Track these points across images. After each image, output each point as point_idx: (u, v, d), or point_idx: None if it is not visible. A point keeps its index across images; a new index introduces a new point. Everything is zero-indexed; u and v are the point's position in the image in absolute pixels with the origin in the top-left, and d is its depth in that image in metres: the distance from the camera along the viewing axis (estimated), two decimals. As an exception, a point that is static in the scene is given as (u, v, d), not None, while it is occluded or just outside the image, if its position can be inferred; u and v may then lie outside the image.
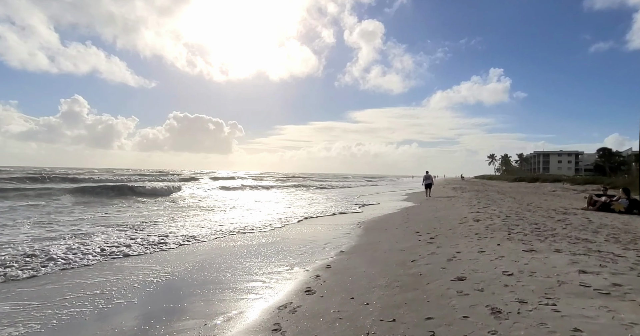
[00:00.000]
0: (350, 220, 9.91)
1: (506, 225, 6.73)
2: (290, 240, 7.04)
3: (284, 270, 4.83)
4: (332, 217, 11.02)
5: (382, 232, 7.73)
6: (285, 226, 8.96)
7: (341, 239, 7.15)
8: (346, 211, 12.58)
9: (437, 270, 4.00)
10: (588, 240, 5.08)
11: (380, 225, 8.94)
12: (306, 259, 5.50)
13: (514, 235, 5.69)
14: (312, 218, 10.62)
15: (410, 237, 6.62)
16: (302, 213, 11.83)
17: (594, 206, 10.24)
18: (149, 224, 8.82)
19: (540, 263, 3.78)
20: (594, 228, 6.38)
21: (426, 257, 4.77)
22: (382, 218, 10.37)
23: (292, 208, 13.43)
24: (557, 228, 6.20)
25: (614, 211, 9.71)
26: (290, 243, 6.76)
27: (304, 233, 7.84)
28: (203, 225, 8.89)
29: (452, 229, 6.99)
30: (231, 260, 5.42)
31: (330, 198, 19.15)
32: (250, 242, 6.80)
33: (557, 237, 5.39)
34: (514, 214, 8.62)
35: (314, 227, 8.76)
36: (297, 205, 15.02)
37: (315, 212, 12.03)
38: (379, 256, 5.25)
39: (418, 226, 8.06)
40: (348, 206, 14.53)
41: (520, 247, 4.77)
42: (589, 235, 5.53)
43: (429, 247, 5.45)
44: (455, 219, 8.51)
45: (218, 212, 11.89)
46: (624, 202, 9.66)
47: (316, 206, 14.44)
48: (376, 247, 6.02)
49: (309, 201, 17.29)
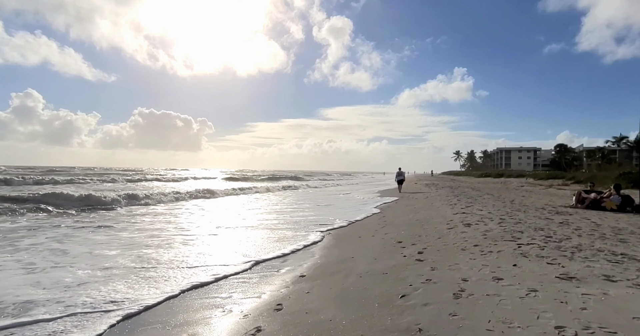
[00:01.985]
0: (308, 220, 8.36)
1: (507, 232, 5.46)
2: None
3: (211, 315, 3.16)
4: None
5: (356, 242, 6.25)
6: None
7: (303, 253, 5.59)
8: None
9: (445, 321, 2.52)
10: (628, 256, 3.84)
11: (353, 231, 7.47)
12: (249, 288, 3.87)
13: (525, 247, 4.39)
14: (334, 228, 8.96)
15: (392, 250, 5.17)
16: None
17: (583, 204, 9.41)
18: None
19: (605, 307, 2.41)
20: (611, 234, 5.26)
21: (420, 289, 3.29)
22: (353, 220, 8.91)
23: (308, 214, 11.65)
24: (572, 237, 4.99)
25: (605, 209, 8.89)
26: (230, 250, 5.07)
27: (258, 240, 6.18)
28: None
29: (442, 238, 5.63)
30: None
31: (312, 198, 17.53)
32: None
33: (584, 250, 4.13)
34: (506, 215, 7.46)
35: (272, 232, 7.11)
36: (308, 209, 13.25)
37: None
38: (353, 286, 3.73)
39: (399, 232, 6.66)
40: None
41: (547, 269, 3.43)
42: (621, 247, 4.34)
43: (420, 268, 4.00)
44: (440, 223, 7.21)
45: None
46: (616, 199, 8.87)
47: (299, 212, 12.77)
48: (349, 268, 4.50)
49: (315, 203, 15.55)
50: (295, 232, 7.43)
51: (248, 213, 10.89)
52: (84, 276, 4.31)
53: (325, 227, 7.88)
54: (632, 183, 20.44)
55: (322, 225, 8.29)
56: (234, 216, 10.19)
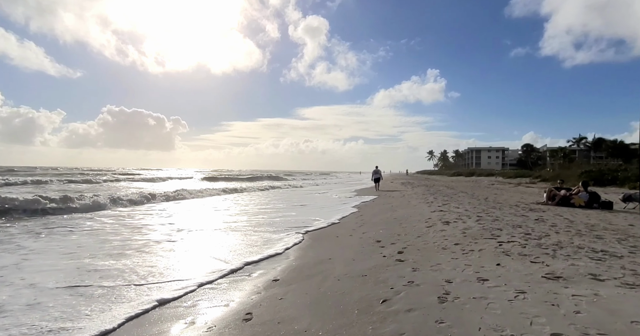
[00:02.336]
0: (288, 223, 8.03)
1: (486, 230, 5.38)
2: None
3: (169, 330, 2.77)
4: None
5: (334, 242, 5.98)
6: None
7: (281, 250, 5.24)
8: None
9: (432, 330, 2.28)
10: (609, 253, 3.80)
11: (331, 231, 7.20)
12: (217, 295, 3.50)
13: (506, 245, 4.28)
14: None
15: (370, 250, 4.94)
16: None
17: (553, 200, 9.65)
18: None
19: (599, 310, 2.25)
20: (586, 231, 5.29)
21: (403, 293, 3.06)
22: (330, 220, 8.65)
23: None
24: (550, 234, 4.96)
25: (574, 205, 9.15)
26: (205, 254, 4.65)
27: (233, 242, 5.77)
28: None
29: (422, 236, 5.47)
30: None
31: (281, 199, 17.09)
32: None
33: (565, 247, 4.07)
34: (483, 213, 7.46)
35: (247, 237, 6.72)
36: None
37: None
38: (331, 290, 3.44)
39: (377, 231, 6.46)
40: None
41: (532, 268, 3.30)
42: (599, 243, 4.32)
43: (401, 269, 3.78)
44: (419, 221, 7.09)
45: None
46: (584, 196, 9.15)
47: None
48: (326, 270, 4.21)
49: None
50: (272, 234, 7.07)
51: (223, 214, 10.38)
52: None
53: (303, 227, 7.57)
54: (593, 181, 21.68)
55: (300, 226, 7.98)
56: (206, 218, 9.65)
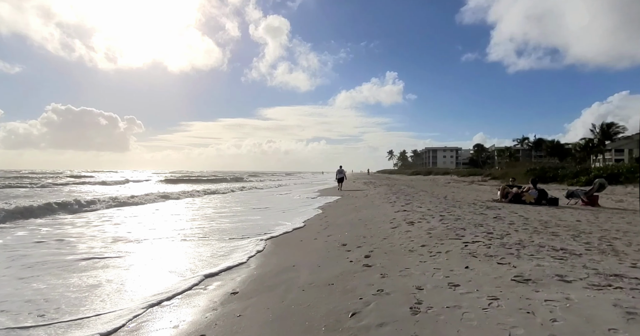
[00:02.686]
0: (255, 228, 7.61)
1: (450, 229, 5.39)
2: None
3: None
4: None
5: (298, 247, 5.68)
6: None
7: (239, 261, 4.84)
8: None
9: (408, 348, 2.08)
10: (568, 251, 3.89)
11: (294, 234, 6.89)
12: (164, 314, 3.05)
13: (472, 246, 4.26)
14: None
15: (336, 255, 4.71)
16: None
17: (506, 198, 10.15)
18: None
19: (575, 317, 2.19)
20: (542, 228, 5.49)
21: (373, 304, 2.84)
22: (294, 221, 8.34)
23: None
24: (510, 232, 5.06)
25: (525, 202, 9.67)
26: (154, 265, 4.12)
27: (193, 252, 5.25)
28: None
29: (388, 238, 5.35)
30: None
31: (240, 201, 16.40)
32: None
33: (527, 246, 4.12)
34: (445, 212, 7.57)
35: (208, 247, 6.20)
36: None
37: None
38: (295, 303, 3.15)
39: (342, 233, 6.27)
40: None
41: (500, 270, 3.25)
42: (557, 241, 4.45)
43: (369, 276, 3.59)
44: (384, 221, 7.01)
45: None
46: (534, 193, 9.71)
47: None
48: (289, 279, 3.91)
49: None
50: (232, 241, 6.61)
51: (178, 221, 9.63)
52: None
53: (266, 233, 7.19)
54: (537, 178, 23.58)
55: (262, 231, 7.59)
56: (160, 226, 8.88)
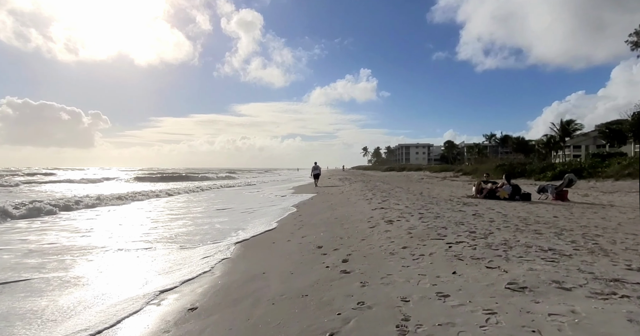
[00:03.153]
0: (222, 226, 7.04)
1: (431, 228, 5.11)
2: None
3: None
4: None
5: (269, 250, 5.21)
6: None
7: (200, 270, 4.31)
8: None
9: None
10: (557, 251, 3.68)
11: (266, 235, 6.40)
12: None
13: (456, 247, 3.98)
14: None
15: (311, 259, 4.30)
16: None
17: (481, 194, 10.16)
18: None
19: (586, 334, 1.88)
20: (523, 225, 5.34)
21: (353, 321, 2.44)
22: (266, 220, 7.84)
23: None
24: (493, 231, 4.86)
25: (499, 198, 9.71)
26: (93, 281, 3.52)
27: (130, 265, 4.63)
28: None
29: (366, 239, 5.00)
30: None
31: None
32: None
33: (513, 247, 3.89)
34: (423, 209, 7.35)
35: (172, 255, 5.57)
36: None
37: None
38: (264, 320, 2.69)
39: (318, 234, 5.86)
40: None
41: (490, 276, 2.96)
42: (542, 240, 4.26)
43: (348, 285, 3.20)
44: (361, 220, 6.68)
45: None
46: (507, 189, 9.76)
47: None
48: (258, 290, 3.45)
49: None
50: (198, 247, 6.04)
51: (138, 226, 8.85)
52: None
53: (235, 235, 6.65)
54: (505, 174, 24.30)
55: (232, 233, 7.04)
56: (116, 233, 8.09)
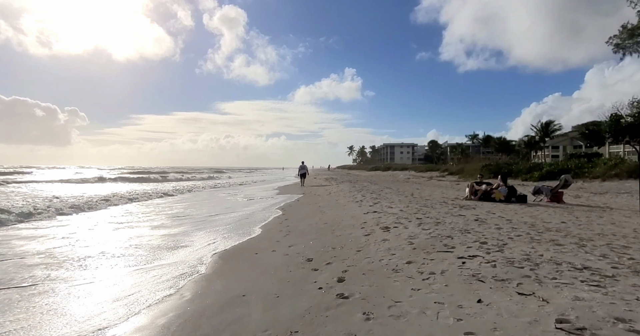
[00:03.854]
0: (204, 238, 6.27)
1: (435, 238, 4.53)
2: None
3: None
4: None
5: (251, 264, 4.49)
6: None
7: (166, 291, 3.56)
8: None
9: None
10: (592, 270, 3.14)
11: (248, 244, 5.68)
12: None
13: (470, 263, 3.40)
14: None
15: (301, 276, 3.63)
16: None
17: (476, 195, 9.73)
18: None
19: None
20: (535, 233, 4.84)
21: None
22: (249, 225, 7.10)
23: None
24: (505, 240, 4.32)
25: (495, 200, 9.30)
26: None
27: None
28: None
29: (362, 250, 4.37)
30: None
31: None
32: None
33: (540, 264, 3.33)
34: (419, 213, 6.80)
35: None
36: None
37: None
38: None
39: (307, 243, 5.19)
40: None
41: (528, 307, 2.37)
42: (568, 254, 3.72)
43: (348, 316, 2.55)
44: (353, 226, 6.05)
45: None
46: (503, 190, 9.36)
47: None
48: (233, 321, 2.74)
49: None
50: (164, 258, 5.27)
51: (98, 239, 7.93)
52: None
53: (211, 243, 5.90)
54: (493, 174, 24.19)
55: (207, 242, 6.28)
56: (66, 249, 7.17)
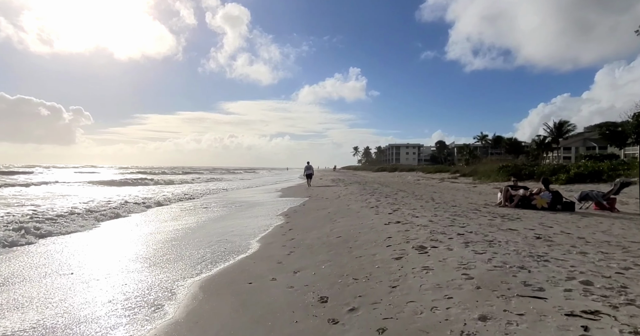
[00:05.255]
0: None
1: (499, 267, 3.21)
2: None
3: None
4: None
5: (241, 300, 3.20)
6: None
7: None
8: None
9: None
10: None
11: (240, 268, 4.40)
12: None
13: (595, 329, 2.08)
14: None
15: (313, 331, 2.34)
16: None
17: (511, 202, 8.35)
18: None
19: None
20: (629, 258, 3.49)
21: None
22: (246, 237, 5.83)
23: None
24: (604, 271, 2.97)
25: (536, 207, 7.92)
26: None
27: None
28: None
29: (399, 285, 3.05)
30: None
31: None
32: None
33: None
34: (456, 225, 5.47)
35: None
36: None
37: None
38: None
39: (317, 267, 3.91)
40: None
41: None
42: None
43: None
44: (375, 243, 4.73)
45: None
46: (547, 196, 7.97)
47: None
48: None
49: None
50: (132, 295, 4.02)
51: (64, 263, 6.71)
52: None
53: (193, 266, 4.64)
54: (511, 176, 22.67)
55: (187, 265, 5.04)
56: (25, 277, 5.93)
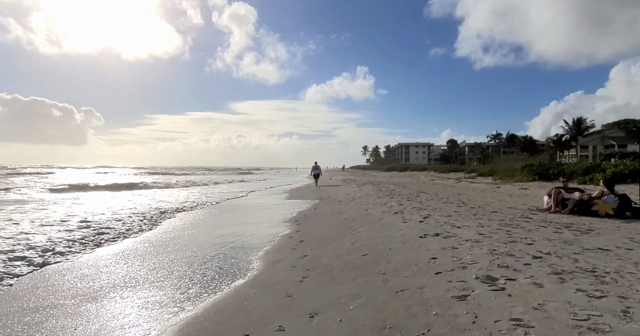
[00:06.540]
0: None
1: (628, 321, 1.95)
2: None
3: None
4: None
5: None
6: None
7: None
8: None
9: None
10: None
11: (233, 304, 3.20)
12: None
13: None
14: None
15: None
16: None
17: (564, 207, 6.98)
18: None
19: None
20: None
21: None
22: (245, 252, 4.64)
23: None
24: None
25: (598, 214, 6.55)
26: None
27: None
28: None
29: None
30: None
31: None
32: None
33: None
34: (524, 244, 4.18)
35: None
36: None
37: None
38: None
39: (343, 308, 2.67)
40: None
41: None
42: None
43: None
44: (417, 266, 3.47)
45: None
46: (612, 200, 6.57)
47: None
48: None
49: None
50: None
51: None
52: None
53: (175, 299, 3.45)
54: (537, 175, 21.10)
55: (168, 296, 3.84)
56: None
